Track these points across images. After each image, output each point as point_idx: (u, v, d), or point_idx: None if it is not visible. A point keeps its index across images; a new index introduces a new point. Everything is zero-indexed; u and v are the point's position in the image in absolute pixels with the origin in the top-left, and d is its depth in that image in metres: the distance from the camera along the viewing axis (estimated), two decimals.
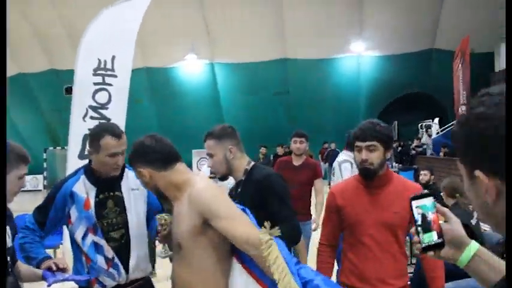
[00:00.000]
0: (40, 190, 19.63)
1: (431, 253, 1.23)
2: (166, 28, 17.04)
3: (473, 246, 1.22)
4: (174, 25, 17.19)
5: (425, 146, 16.55)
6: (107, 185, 2.46)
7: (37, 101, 20.75)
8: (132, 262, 2.45)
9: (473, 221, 4.03)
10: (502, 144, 0.78)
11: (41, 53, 19.05)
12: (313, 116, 18.44)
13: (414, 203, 1.24)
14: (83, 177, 2.46)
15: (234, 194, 2.43)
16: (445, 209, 1.25)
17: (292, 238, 2.29)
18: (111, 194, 2.47)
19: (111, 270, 2.40)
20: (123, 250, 2.44)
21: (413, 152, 16.33)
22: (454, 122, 14.48)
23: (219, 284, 1.95)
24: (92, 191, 2.43)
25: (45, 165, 20.31)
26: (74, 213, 2.41)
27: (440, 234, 1.22)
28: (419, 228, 1.22)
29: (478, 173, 0.83)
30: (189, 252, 1.94)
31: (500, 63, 17.47)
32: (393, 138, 2.39)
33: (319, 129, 17.57)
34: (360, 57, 18.87)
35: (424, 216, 1.23)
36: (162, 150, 2.05)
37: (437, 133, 17.56)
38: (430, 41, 18.60)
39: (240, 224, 1.86)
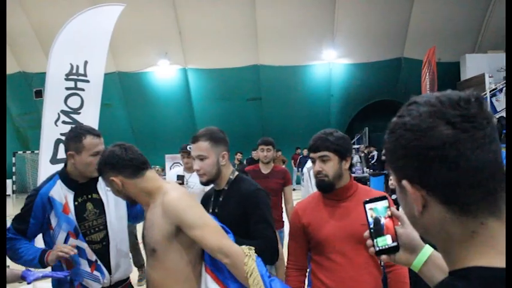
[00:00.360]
0: (9, 195, 19.17)
1: (384, 257, 1.22)
2: (139, 33, 16.94)
3: (427, 250, 1.22)
4: (147, 30, 17.11)
5: None
6: (84, 188, 2.49)
7: (5, 104, 20.26)
8: (113, 262, 2.47)
9: None
10: (427, 156, 0.76)
11: (9, 55, 18.66)
12: (286, 122, 18.63)
13: (368, 206, 1.23)
14: (59, 181, 2.47)
15: (213, 203, 2.34)
16: (399, 213, 1.23)
17: (270, 258, 2.17)
18: (89, 196, 2.50)
19: (95, 272, 2.42)
20: (104, 252, 2.46)
21: (384, 157, 16.61)
22: None
23: (192, 286, 2.02)
24: (70, 195, 2.45)
25: (14, 169, 19.85)
26: (53, 218, 2.42)
27: (394, 238, 1.21)
28: (372, 232, 1.21)
29: (404, 183, 0.81)
30: (163, 256, 2.01)
31: (466, 73, 18.07)
32: (349, 147, 2.23)
33: (292, 136, 17.77)
34: (331, 65, 19.16)
35: (377, 220, 1.22)
36: (132, 158, 2.09)
37: None
38: (400, 49, 19.06)
39: (212, 233, 1.94)
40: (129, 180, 2.07)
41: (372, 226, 1.21)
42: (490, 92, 15.05)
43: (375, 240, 1.20)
